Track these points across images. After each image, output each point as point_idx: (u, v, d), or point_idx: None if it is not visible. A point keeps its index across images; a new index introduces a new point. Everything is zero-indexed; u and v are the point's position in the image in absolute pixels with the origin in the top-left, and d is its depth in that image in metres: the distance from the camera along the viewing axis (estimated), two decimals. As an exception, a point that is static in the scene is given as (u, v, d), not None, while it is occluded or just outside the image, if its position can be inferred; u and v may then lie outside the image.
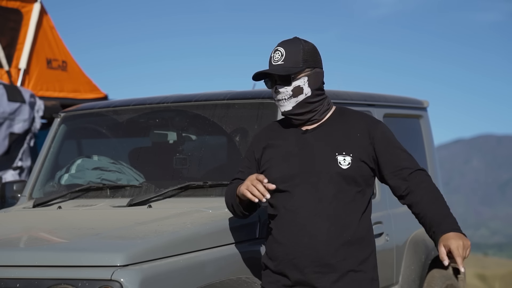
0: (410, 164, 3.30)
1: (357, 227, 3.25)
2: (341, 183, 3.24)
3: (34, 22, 7.38)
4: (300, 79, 3.30)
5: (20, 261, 3.31)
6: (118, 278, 3.09)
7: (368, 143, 3.29)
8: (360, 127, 3.32)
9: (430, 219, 3.21)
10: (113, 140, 4.80)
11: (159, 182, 4.28)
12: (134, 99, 4.73)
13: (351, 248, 3.23)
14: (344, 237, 3.22)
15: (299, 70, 3.29)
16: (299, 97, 3.30)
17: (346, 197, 3.25)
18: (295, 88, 3.30)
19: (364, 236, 3.28)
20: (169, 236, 3.46)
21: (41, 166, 4.70)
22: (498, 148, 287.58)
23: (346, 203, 3.25)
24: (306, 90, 3.30)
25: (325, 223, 3.22)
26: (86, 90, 7.91)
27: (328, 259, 3.21)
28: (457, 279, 5.44)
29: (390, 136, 3.34)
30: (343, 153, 3.26)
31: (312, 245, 3.22)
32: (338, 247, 3.22)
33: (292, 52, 3.29)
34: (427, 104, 5.65)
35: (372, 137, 3.29)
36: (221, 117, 4.35)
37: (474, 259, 43.98)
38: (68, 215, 4.13)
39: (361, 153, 3.27)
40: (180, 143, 4.50)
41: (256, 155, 3.42)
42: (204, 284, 3.39)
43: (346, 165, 3.24)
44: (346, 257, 3.22)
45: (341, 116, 3.38)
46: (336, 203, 3.23)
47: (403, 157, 3.31)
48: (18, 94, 6.66)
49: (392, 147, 3.30)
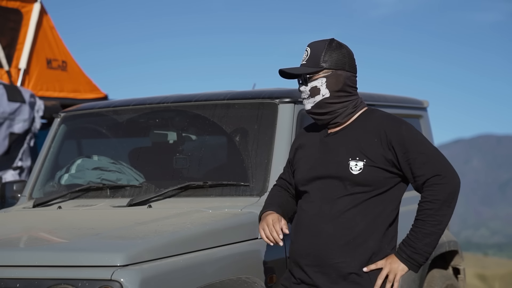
0: (426, 170, 3.19)
1: (364, 230, 3.21)
2: (351, 188, 3.23)
3: (34, 22, 7.38)
4: (318, 80, 3.30)
5: (20, 261, 3.30)
6: (118, 278, 3.09)
7: (386, 148, 3.23)
8: (378, 131, 3.26)
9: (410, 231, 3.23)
10: (113, 140, 4.80)
11: (159, 182, 4.28)
12: (134, 99, 4.73)
13: (354, 251, 3.21)
14: (345, 239, 3.21)
15: (315, 71, 3.30)
16: (316, 97, 3.30)
17: (355, 200, 3.22)
18: (312, 88, 3.30)
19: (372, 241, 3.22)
20: (169, 236, 3.46)
21: (41, 166, 4.70)
22: (498, 148, 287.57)
23: (354, 206, 3.22)
24: (324, 91, 3.30)
25: (327, 224, 3.23)
26: (86, 90, 7.91)
27: (328, 260, 3.22)
28: (457, 279, 5.44)
29: (409, 140, 3.23)
30: (357, 158, 3.23)
31: (314, 245, 3.24)
32: (339, 248, 3.21)
33: (315, 52, 3.31)
34: (427, 104, 5.65)
35: (389, 142, 3.23)
36: (221, 117, 4.35)
37: (474, 259, 43.96)
38: (68, 215, 4.13)
39: (376, 158, 3.22)
40: (180, 143, 4.50)
41: (290, 156, 3.50)
42: (204, 284, 3.39)
43: (357, 170, 3.22)
44: (347, 259, 3.21)
45: (366, 119, 3.33)
46: (342, 205, 3.22)
47: (420, 162, 3.20)
48: (18, 94, 6.66)
49: (409, 153, 3.20)
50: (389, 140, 3.23)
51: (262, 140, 4.16)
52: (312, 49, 3.33)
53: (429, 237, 3.18)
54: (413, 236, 3.19)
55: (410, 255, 3.19)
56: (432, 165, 3.21)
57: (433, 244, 3.20)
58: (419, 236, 3.18)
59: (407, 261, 3.20)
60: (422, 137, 3.28)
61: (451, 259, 5.41)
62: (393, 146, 3.22)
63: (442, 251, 5.14)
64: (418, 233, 3.18)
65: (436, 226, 3.17)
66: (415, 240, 3.18)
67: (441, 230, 3.19)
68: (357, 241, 3.21)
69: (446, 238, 5.23)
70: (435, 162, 3.22)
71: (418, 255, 3.19)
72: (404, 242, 3.21)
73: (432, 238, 3.18)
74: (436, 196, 3.17)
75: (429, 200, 3.18)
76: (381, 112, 3.38)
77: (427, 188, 3.19)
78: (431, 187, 3.18)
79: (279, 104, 4.23)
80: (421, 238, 3.18)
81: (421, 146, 3.23)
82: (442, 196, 3.17)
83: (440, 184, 3.18)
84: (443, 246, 5.16)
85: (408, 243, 3.20)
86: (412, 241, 3.19)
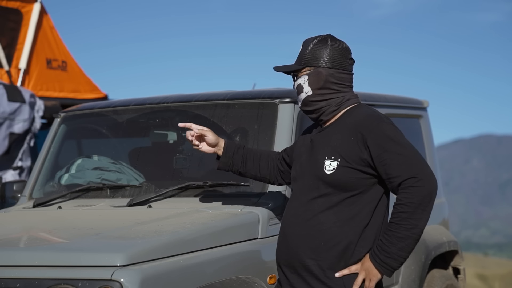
0: (401, 171, 3.08)
1: (337, 233, 3.14)
2: (324, 188, 3.18)
3: (34, 22, 7.37)
4: (301, 78, 3.30)
5: (20, 261, 3.30)
6: (118, 278, 3.09)
7: (362, 147, 3.14)
8: (355, 130, 3.17)
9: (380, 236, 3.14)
10: (113, 140, 4.80)
11: (159, 182, 4.28)
12: (134, 99, 4.73)
13: (325, 253, 3.15)
14: (316, 243, 3.16)
15: (298, 68, 3.30)
16: (301, 95, 3.31)
17: (328, 201, 3.17)
18: (298, 86, 3.32)
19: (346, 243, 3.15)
20: (169, 236, 3.46)
21: (41, 166, 4.70)
22: (498, 148, 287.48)
23: (327, 208, 3.17)
24: (306, 89, 3.28)
25: (299, 226, 3.21)
26: (86, 90, 7.91)
27: (300, 261, 3.20)
28: (457, 279, 5.44)
29: (386, 139, 3.12)
30: (332, 157, 3.17)
31: (287, 247, 3.25)
32: (310, 250, 3.17)
33: (303, 49, 3.31)
34: (427, 104, 5.65)
35: (365, 141, 3.14)
36: (221, 117, 4.35)
37: (474, 259, 43.96)
38: (68, 215, 4.13)
39: (351, 158, 3.14)
40: (180, 143, 4.50)
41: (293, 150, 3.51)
42: (204, 284, 3.39)
43: (330, 170, 3.16)
44: (319, 261, 3.16)
45: (348, 116, 3.25)
46: (316, 207, 3.19)
47: (396, 162, 3.09)
48: (18, 94, 6.66)
49: (386, 152, 3.10)
50: (365, 139, 3.14)
51: (262, 140, 4.16)
52: (302, 46, 3.33)
53: (404, 241, 3.06)
54: (387, 240, 3.07)
55: (384, 260, 3.08)
56: (408, 167, 3.08)
57: (408, 249, 3.08)
58: (393, 240, 3.06)
59: (380, 265, 3.09)
60: (401, 137, 3.16)
61: (451, 259, 5.41)
62: (368, 146, 3.13)
63: (442, 251, 5.15)
64: (391, 237, 3.06)
65: (411, 230, 3.05)
66: (388, 245, 3.07)
67: (416, 234, 3.06)
68: (328, 244, 3.15)
69: (446, 238, 5.23)
70: (411, 164, 3.09)
71: (391, 259, 3.08)
72: (378, 246, 3.10)
73: (406, 242, 3.06)
74: (411, 199, 3.05)
75: (403, 203, 3.06)
76: (365, 109, 3.28)
77: (402, 191, 3.08)
78: (406, 189, 3.06)
79: (279, 104, 4.23)
80: (395, 243, 3.06)
81: (398, 146, 3.12)
82: (417, 199, 3.05)
83: (416, 187, 3.06)
84: (443, 246, 5.16)
85: (382, 247, 3.08)
86: (385, 245, 3.08)
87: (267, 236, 3.78)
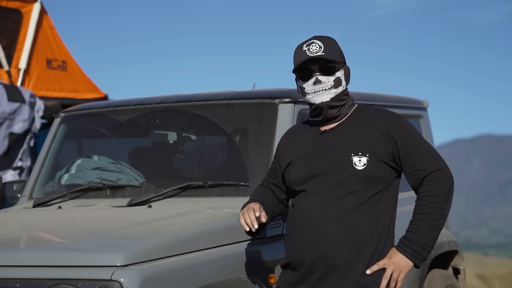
0: (428, 164, 3.21)
1: (370, 229, 3.20)
2: (355, 185, 3.20)
3: (34, 22, 7.38)
4: (340, 71, 3.32)
5: (20, 261, 3.30)
6: (118, 278, 3.08)
7: (388, 142, 3.23)
8: (378, 125, 3.26)
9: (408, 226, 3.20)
10: (113, 140, 4.80)
11: (159, 182, 4.28)
12: (134, 99, 4.73)
13: (361, 251, 3.19)
14: (353, 239, 3.18)
15: (341, 62, 3.32)
16: (339, 88, 3.30)
17: (360, 198, 3.20)
18: (337, 79, 3.30)
19: (377, 239, 3.21)
20: (169, 236, 3.46)
21: (41, 166, 4.70)
22: (498, 148, 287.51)
23: (360, 205, 3.20)
24: (343, 83, 3.32)
25: (333, 224, 3.20)
26: (86, 90, 7.91)
27: (334, 261, 3.19)
28: (457, 279, 5.44)
29: (409, 134, 3.25)
30: (359, 153, 3.22)
31: (319, 246, 3.21)
32: (346, 249, 3.18)
33: (330, 45, 3.31)
34: (427, 104, 5.65)
35: (391, 135, 3.24)
36: (221, 117, 4.35)
37: (474, 259, 43.96)
38: (68, 215, 4.13)
39: (379, 152, 3.22)
40: (180, 143, 4.50)
41: (278, 160, 3.47)
42: (204, 284, 3.39)
43: (361, 166, 3.20)
44: (354, 259, 3.18)
45: (360, 114, 3.33)
46: (348, 204, 3.20)
47: (422, 156, 3.22)
48: (18, 94, 6.66)
49: (411, 146, 3.22)
50: (391, 134, 3.23)
51: (262, 140, 4.16)
52: (324, 42, 3.31)
53: (434, 231, 3.17)
54: (419, 231, 3.16)
55: (417, 250, 3.16)
56: (434, 160, 3.23)
57: (435, 238, 3.19)
58: (425, 230, 3.15)
59: (413, 256, 3.16)
60: (419, 133, 3.32)
61: (451, 259, 5.41)
62: (395, 140, 3.23)
63: (442, 251, 5.14)
64: (423, 227, 3.15)
65: (439, 220, 3.17)
66: (421, 235, 3.15)
67: (442, 224, 3.19)
68: (363, 241, 3.19)
69: (446, 238, 5.23)
70: (435, 157, 3.25)
71: (423, 249, 3.17)
72: (408, 237, 3.17)
73: (435, 232, 3.17)
74: (440, 190, 3.18)
75: (433, 194, 3.17)
76: (374, 107, 3.40)
77: (429, 182, 3.19)
78: (434, 181, 3.19)
79: (279, 104, 4.23)
80: (427, 233, 3.16)
81: (421, 141, 3.27)
82: (445, 190, 3.19)
83: (443, 179, 3.20)
84: (443, 246, 5.16)
85: (414, 238, 3.16)
86: (418, 236, 3.15)
87: (267, 236, 3.78)
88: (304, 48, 3.30)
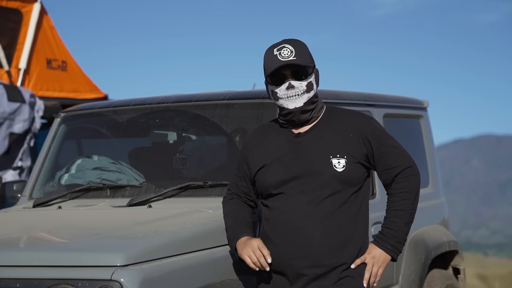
0: (400, 162, 3.31)
1: (350, 228, 3.27)
2: (336, 186, 3.26)
3: (34, 22, 7.38)
4: (311, 75, 3.34)
5: (20, 261, 3.31)
6: (118, 278, 3.09)
7: (362, 143, 3.31)
8: (352, 126, 3.33)
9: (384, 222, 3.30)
10: (113, 140, 4.80)
11: (159, 182, 4.28)
12: (134, 99, 4.73)
13: (345, 249, 3.26)
14: (337, 239, 3.25)
15: (312, 66, 3.33)
16: (311, 92, 3.32)
17: (340, 199, 3.26)
18: (309, 83, 3.32)
19: (358, 236, 3.30)
20: (169, 236, 3.46)
21: (41, 166, 4.70)
22: (498, 148, 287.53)
23: (340, 205, 3.26)
24: (315, 87, 3.35)
25: (318, 225, 3.24)
26: (86, 90, 7.91)
27: (323, 261, 3.23)
28: (457, 279, 5.44)
29: (381, 134, 3.35)
30: (337, 155, 3.28)
31: (307, 247, 3.24)
32: (333, 248, 3.24)
33: (301, 49, 3.31)
34: (427, 104, 5.65)
35: (365, 136, 3.31)
36: (221, 117, 4.35)
37: (474, 259, 43.96)
38: (68, 215, 4.13)
39: (355, 153, 3.29)
40: (180, 143, 4.50)
41: (247, 162, 3.45)
42: (204, 284, 3.39)
43: (341, 168, 3.26)
44: (341, 258, 3.25)
45: (332, 116, 3.39)
46: (330, 205, 3.25)
47: (394, 154, 3.31)
48: (18, 94, 6.66)
49: (384, 146, 3.32)
50: (365, 135, 3.31)
51: (262, 140, 4.16)
52: (294, 46, 3.30)
53: (408, 226, 3.29)
54: (396, 226, 3.26)
55: (395, 245, 3.28)
56: (405, 158, 3.33)
57: (408, 232, 3.31)
58: (401, 226, 3.27)
59: (391, 251, 3.28)
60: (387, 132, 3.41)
61: (451, 259, 5.41)
62: (369, 140, 3.31)
63: (442, 251, 5.14)
64: (400, 223, 3.26)
65: (412, 214, 3.29)
66: (398, 230, 3.26)
67: (413, 219, 3.31)
68: (346, 239, 3.25)
69: (446, 238, 5.23)
70: (405, 155, 3.35)
71: (400, 244, 3.28)
72: (386, 233, 3.28)
73: (409, 227, 3.30)
74: (412, 186, 3.29)
75: (406, 190, 3.28)
76: (342, 108, 3.47)
77: (402, 180, 3.29)
78: (406, 178, 3.29)
79: (279, 104, 4.22)
80: (403, 228, 3.27)
81: (392, 139, 3.36)
82: (416, 186, 3.31)
83: (414, 175, 3.31)
84: (443, 246, 5.16)
85: (392, 234, 3.26)
86: (395, 231, 3.26)
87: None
88: (276, 53, 3.29)
